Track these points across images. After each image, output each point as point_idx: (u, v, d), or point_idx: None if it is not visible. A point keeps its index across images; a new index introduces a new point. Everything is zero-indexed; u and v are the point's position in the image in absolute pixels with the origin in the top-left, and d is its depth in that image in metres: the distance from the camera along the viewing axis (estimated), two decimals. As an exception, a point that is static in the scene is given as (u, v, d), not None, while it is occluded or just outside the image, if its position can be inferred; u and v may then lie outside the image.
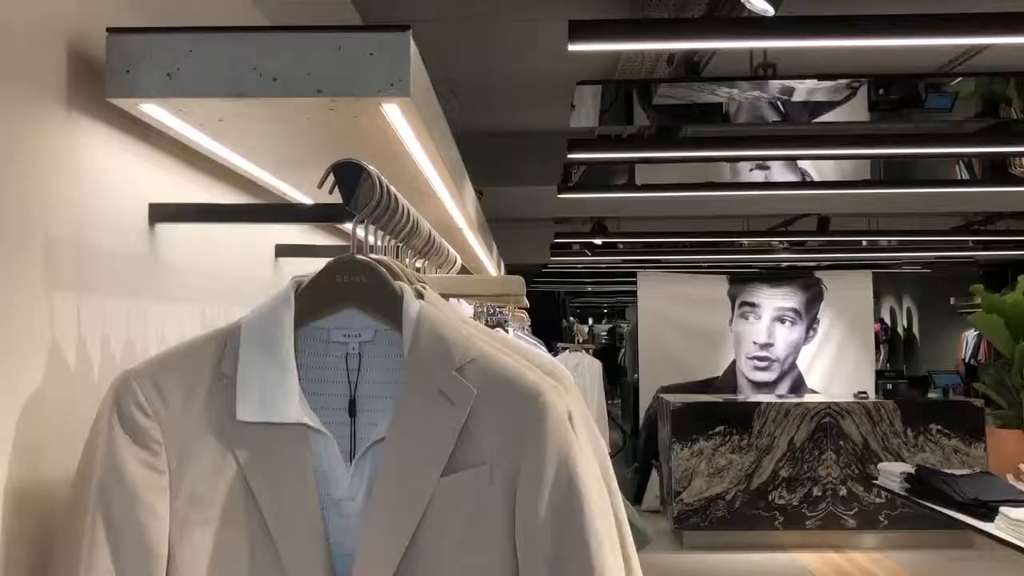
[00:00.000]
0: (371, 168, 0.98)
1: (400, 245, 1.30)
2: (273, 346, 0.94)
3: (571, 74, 3.46)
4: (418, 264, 1.59)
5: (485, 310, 1.73)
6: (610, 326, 20.42)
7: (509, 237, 6.29)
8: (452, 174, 1.50)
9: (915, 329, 11.64)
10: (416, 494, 0.90)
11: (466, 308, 1.65)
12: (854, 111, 5.72)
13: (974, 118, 5.19)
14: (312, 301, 0.97)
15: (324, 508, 0.92)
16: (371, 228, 1.08)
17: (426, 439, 0.91)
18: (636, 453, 7.95)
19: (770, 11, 1.87)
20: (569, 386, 1.04)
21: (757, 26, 2.04)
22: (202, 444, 0.91)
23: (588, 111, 4.07)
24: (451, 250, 1.71)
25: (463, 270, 2.30)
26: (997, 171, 6.17)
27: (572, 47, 2.01)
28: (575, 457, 0.92)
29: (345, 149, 1.18)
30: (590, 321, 22.72)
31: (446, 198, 1.67)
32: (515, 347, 1.08)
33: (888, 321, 12.02)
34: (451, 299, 1.61)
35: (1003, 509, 3.21)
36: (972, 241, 7.98)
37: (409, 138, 1.17)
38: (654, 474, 6.97)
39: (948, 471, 3.93)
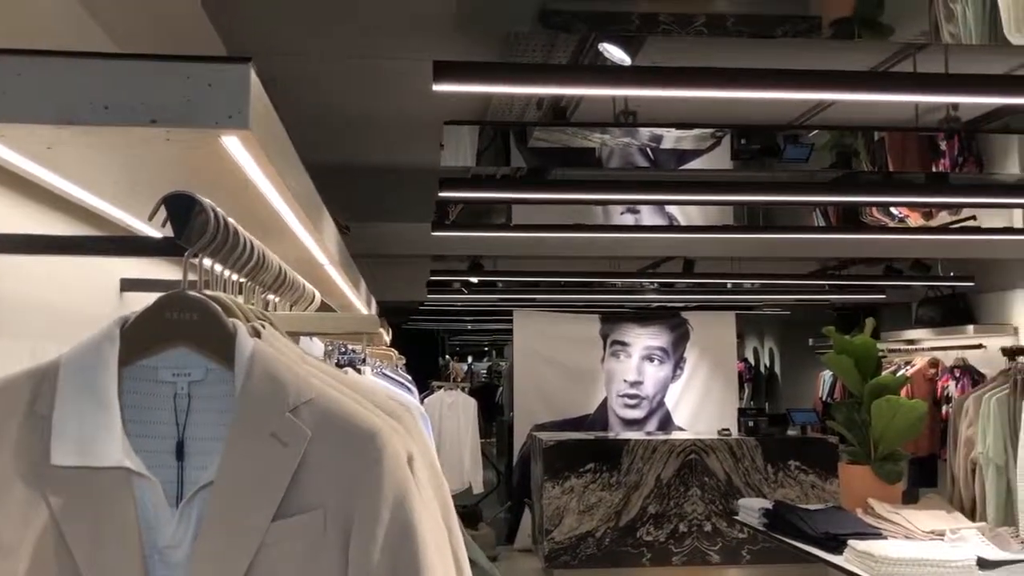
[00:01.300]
0: (205, 201, 0.95)
1: (245, 281, 1.27)
2: (94, 385, 0.89)
3: (444, 113, 3.48)
4: (270, 299, 1.55)
5: (336, 349, 1.70)
6: (489, 364, 20.48)
7: (384, 274, 6.23)
8: (306, 209, 1.47)
9: (776, 368, 12.16)
10: (244, 540, 0.86)
11: (317, 347, 1.62)
12: (718, 159, 5.97)
13: (828, 168, 5.51)
14: (139, 338, 0.93)
15: (148, 558, 0.87)
16: (211, 263, 1.05)
17: (256, 483, 0.88)
18: (510, 492, 7.95)
19: (627, 60, 1.94)
20: (412, 427, 1.02)
21: (616, 75, 2.10)
22: (9, 490, 0.85)
23: (465, 150, 4.11)
24: (307, 286, 1.68)
25: (324, 307, 2.26)
26: (850, 219, 6.55)
27: (437, 87, 2.03)
28: (411, 501, 0.90)
29: (186, 181, 1.14)
30: (470, 359, 22.72)
31: (302, 233, 1.63)
32: (360, 387, 1.06)
33: (751, 360, 12.51)
34: (305, 338, 1.58)
35: (851, 542, 3.35)
36: (828, 285, 8.40)
37: (253, 171, 1.14)
38: (527, 513, 6.98)
39: (803, 506, 4.08)
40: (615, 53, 1.97)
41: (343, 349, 1.71)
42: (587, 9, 4.63)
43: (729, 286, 8.94)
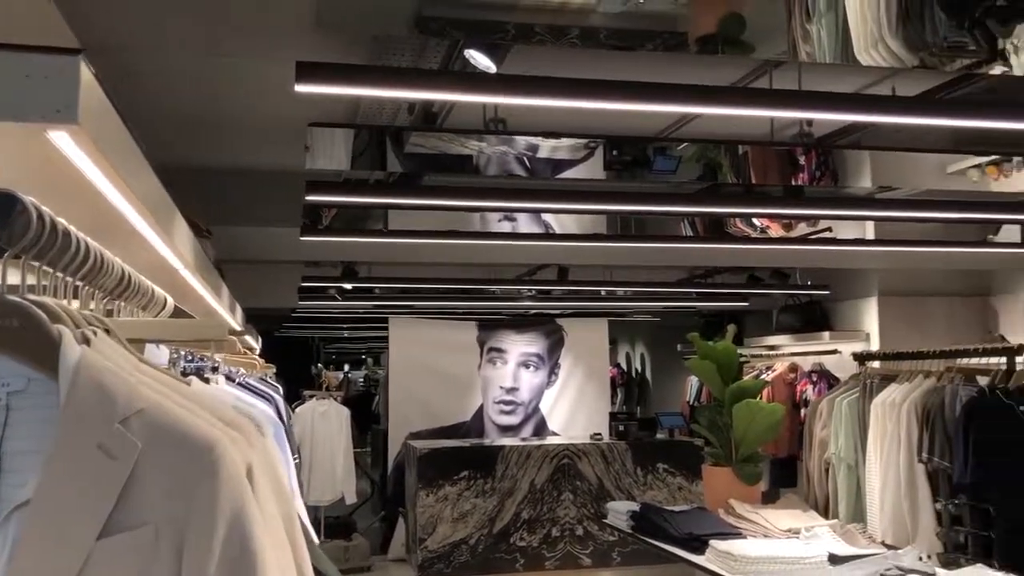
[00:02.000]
0: (27, 199, 0.89)
1: (81, 285, 1.20)
2: None
3: (313, 115, 3.42)
4: (121, 305, 1.47)
5: (181, 357, 1.63)
6: (365, 372, 20.21)
7: (252, 279, 6.06)
8: (154, 211, 1.41)
9: (648, 373, 12.49)
10: (64, 562, 0.81)
11: (162, 355, 1.55)
12: (592, 169, 6.08)
13: (695, 181, 5.69)
14: (-49, 347, 0.86)
15: (-42, 584, 0.81)
16: (39, 265, 0.98)
17: (81, 499, 0.83)
18: (384, 501, 7.86)
19: (492, 68, 1.94)
20: (253, 438, 0.99)
21: (485, 82, 2.10)
22: None
23: (339, 154, 4.04)
24: (156, 291, 1.60)
25: (182, 313, 2.17)
26: (716, 230, 6.79)
27: (299, 88, 1.98)
28: (249, 514, 0.87)
29: (15, 179, 1.07)
30: (347, 367, 22.35)
31: (151, 236, 1.56)
32: (200, 397, 1.01)
33: (624, 366, 12.80)
34: (151, 346, 1.50)
35: (712, 542, 3.46)
36: (695, 292, 8.68)
37: (89, 169, 1.08)
38: (401, 522, 6.91)
39: (668, 508, 4.19)
40: (481, 60, 1.97)
41: (190, 357, 1.64)
42: (463, 17, 4.63)
43: (603, 293, 9.13)
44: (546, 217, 6.87)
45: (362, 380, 19.64)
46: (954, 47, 3.46)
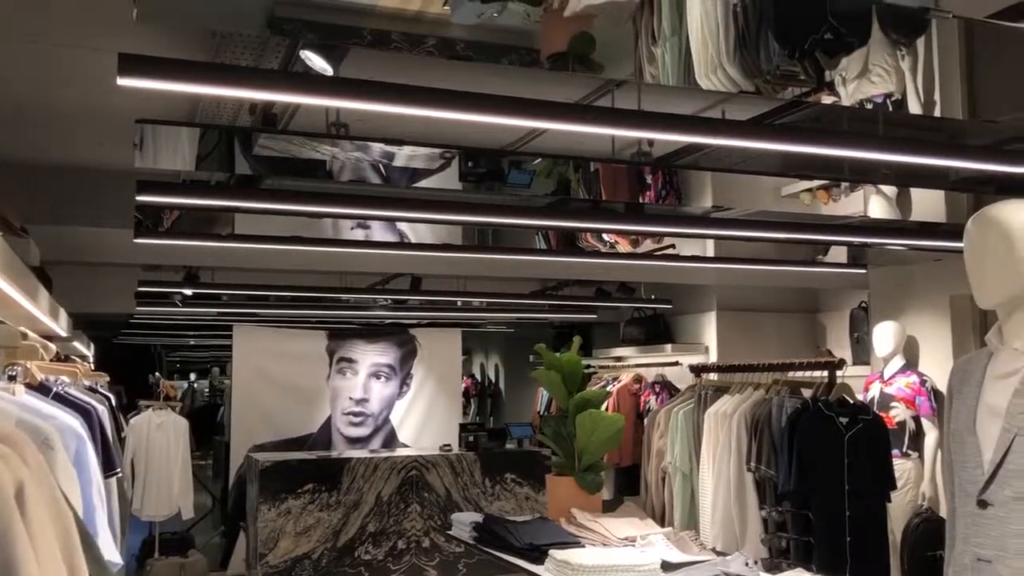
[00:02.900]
0: None
1: None
2: None
3: (151, 111, 3.25)
4: None
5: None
6: (210, 382, 19.46)
7: (83, 282, 5.71)
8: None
9: (501, 384, 12.58)
10: None
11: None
12: (448, 180, 6.07)
13: (549, 195, 5.78)
14: None
15: None
16: None
17: None
18: (225, 516, 7.56)
19: (329, 70, 1.90)
20: (30, 454, 0.91)
21: (319, 85, 2.05)
22: None
23: (182, 153, 3.86)
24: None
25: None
26: (568, 243, 6.92)
27: (121, 81, 1.87)
28: (14, 536, 0.80)
29: None
30: (193, 376, 21.46)
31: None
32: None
33: (478, 376, 12.85)
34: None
35: (551, 551, 3.49)
36: (547, 304, 8.83)
37: None
38: (242, 537, 6.66)
39: (511, 518, 4.21)
40: (317, 62, 1.93)
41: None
42: (319, 20, 4.53)
43: (459, 304, 9.13)
44: (401, 226, 6.81)
45: (207, 390, 18.90)
46: (786, 75, 3.66)
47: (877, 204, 5.26)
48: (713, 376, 4.84)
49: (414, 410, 8.24)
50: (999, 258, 2.01)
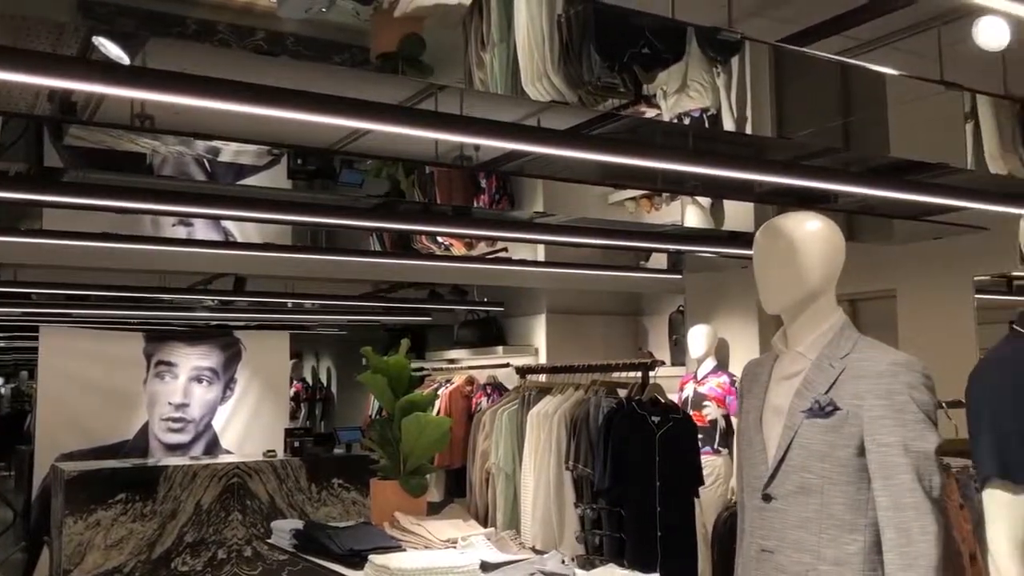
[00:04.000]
0: None
1: None
2: None
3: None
4: None
5: None
6: (15, 386, 18.11)
7: None
8: None
9: (333, 388, 12.37)
10: None
11: None
12: (275, 177, 5.90)
13: (383, 196, 5.72)
14: None
15: None
16: None
17: None
18: (28, 530, 7.06)
19: (125, 59, 1.81)
20: None
21: (115, 74, 1.94)
22: None
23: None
24: None
25: None
26: (403, 245, 6.88)
27: None
28: None
29: None
30: (0, 381, 19.93)
31: None
32: None
33: (309, 380, 12.58)
34: None
35: (371, 556, 3.46)
36: (381, 307, 8.75)
37: None
38: (46, 551, 6.23)
39: (332, 524, 4.13)
40: (112, 50, 1.83)
41: None
42: (138, 6, 4.29)
43: (290, 305, 8.90)
44: (226, 224, 6.57)
45: (10, 396, 17.59)
46: (607, 87, 3.79)
47: (692, 214, 5.53)
48: (542, 378, 4.93)
49: (238, 415, 7.96)
50: (784, 266, 2.15)
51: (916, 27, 2.76)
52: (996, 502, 1.78)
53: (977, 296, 4.65)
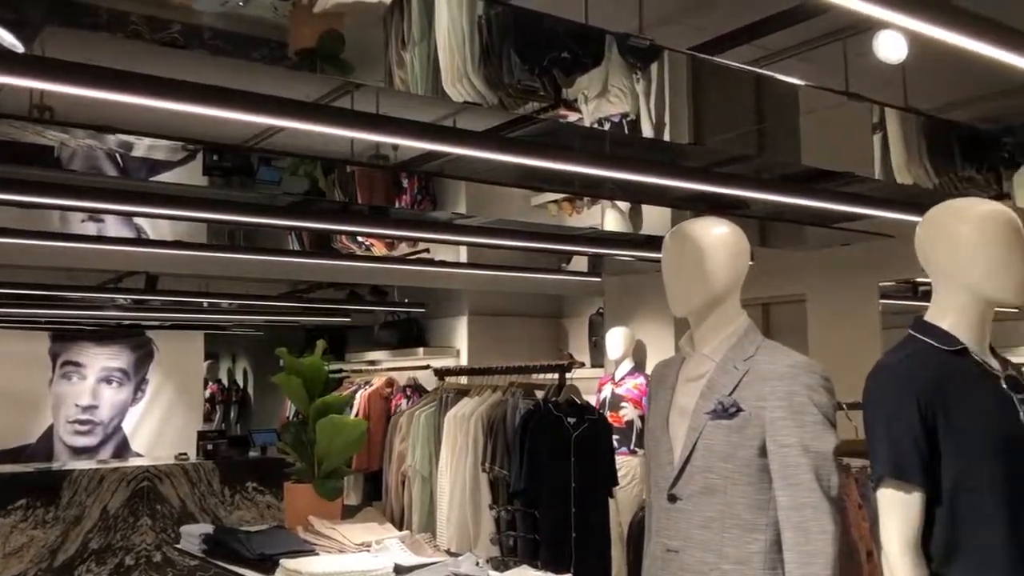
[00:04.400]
0: None
1: None
2: None
3: None
4: None
5: None
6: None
7: None
8: None
9: (250, 389, 12.12)
10: None
11: None
12: (191, 174, 5.75)
13: (303, 194, 5.62)
14: None
15: None
16: None
17: None
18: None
19: (19, 47, 1.74)
20: None
21: (9, 62, 1.86)
22: None
23: None
24: None
25: None
26: (323, 245, 6.77)
27: None
28: None
29: None
30: None
31: None
32: None
33: (226, 382, 12.31)
34: None
35: (283, 561, 3.39)
36: (300, 307, 8.61)
37: None
38: (-61, 562, 5.96)
39: (245, 528, 4.04)
40: (6, 37, 1.75)
41: None
42: (48, -6, 4.12)
43: (206, 305, 8.69)
44: (139, 221, 6.38)
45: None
46: (527, 90, 3.79)
47: (612, 217, 5.59)
48: (465, 379, 4.92)
49: (150, 417, 7.75)
50: (691, 270, 2.18)
51: (823, 39, 2.84)
52: (889, 501, 1.83)
53: (883, 301, 4.82)
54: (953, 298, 1.95)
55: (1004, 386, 1.89)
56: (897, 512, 1.83)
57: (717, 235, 2.20)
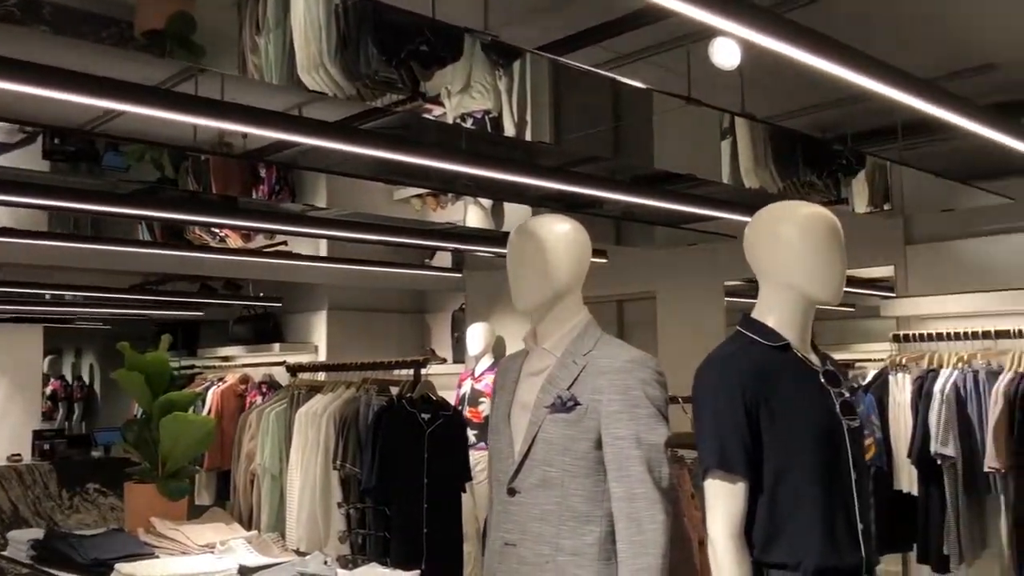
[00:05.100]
0: None
1: None
2: None
3: None
4: None
5: None
6: None
7: None
8: None
9: (97, 386, 11.55)
10: None
11: None
12: (30, 158, 5.39)
13: (154, 182, 5.36)
14: None
15: None
16: None
17: None
18: None
19: None
20: None
21: None
22: None
23: None
24: None
25: None
26: (175, 235, 6.49)
27: None
28: None
29: None
30: None
31: None
32: None
33: (70, 378, 11.67)
34: None
35: (118, 565, 3.24)
36: (151, 300, 8.24)
37: None
38: None
39: (78, 532, 3.84)
40: None
41: None
42: None
43: (48, 297, 8.20)
44: (-27, 208, 5.96)
45: None
46: (385, 81, 3.74)
47: (474, 214, 5.61)
48: (322, 376, 4.82)
49: (-19, 417, 7.25)
50: (535, 266, 2.21)
51: (669, 44, 2.92)
52: (715, 491, 1.90)
53: (727, 299, 5.02)
54: (777, 296, 2.05)
55: (822, 380, 2.00)
56: (722, 502, 1.90)
57: (560, 232, 2.23)
